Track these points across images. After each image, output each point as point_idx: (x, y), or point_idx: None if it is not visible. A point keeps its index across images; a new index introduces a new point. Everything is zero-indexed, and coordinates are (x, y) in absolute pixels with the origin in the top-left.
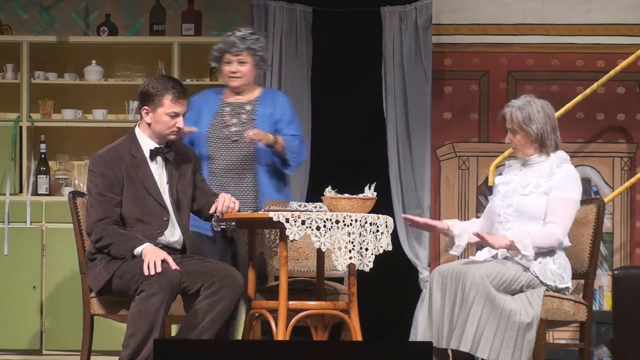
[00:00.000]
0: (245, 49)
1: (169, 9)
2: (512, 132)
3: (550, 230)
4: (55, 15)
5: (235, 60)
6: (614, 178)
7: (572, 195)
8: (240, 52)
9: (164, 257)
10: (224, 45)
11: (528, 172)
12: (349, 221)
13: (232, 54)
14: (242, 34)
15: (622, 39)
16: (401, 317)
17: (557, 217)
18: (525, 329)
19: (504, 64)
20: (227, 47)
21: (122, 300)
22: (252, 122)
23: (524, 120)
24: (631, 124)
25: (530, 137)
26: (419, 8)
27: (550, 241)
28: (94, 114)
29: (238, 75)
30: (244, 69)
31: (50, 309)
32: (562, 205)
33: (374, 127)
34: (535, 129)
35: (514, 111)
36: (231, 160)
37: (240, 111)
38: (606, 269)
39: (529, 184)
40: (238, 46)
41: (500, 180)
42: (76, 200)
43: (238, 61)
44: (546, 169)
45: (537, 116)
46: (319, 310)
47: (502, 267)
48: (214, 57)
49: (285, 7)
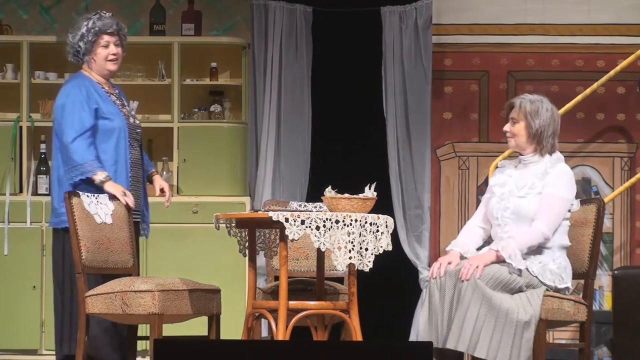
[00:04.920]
0: (119, 30)
1: (169, 9)
2: (513, 121)
3: (534, 226)
4: (55, 16)
5: (112, 42)
6: (614, 178)
7: (560, 192)
8: (116, 32)
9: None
10: (102, 26)
11: (523, 173)
12: (348, 221)
13: (110, 35)
14: (111, 15)
15: (622, 39)
16: (401, 317)
17: (542, 214)
18: (523, 327)
19: (504, 64)
20: (105, 28)
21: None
22: (132, 111)
23: (531, 111)
24: (631, 123)
25: (529, 130)
26: (419, 8)
27: (535, 237)
28: None
29: (117, 58)
30: (120, 51)
31: (50, 309)
32: (548, 201)
33: (374, 127)
34: (537, 124)
35: (524, 101)
36: (137, 153)
37: (122, 99)
38: (606, 269)
39: (524, 185)
40: (114, 27)
41: (494, 181)
42: (72, 200)
43: (114, 43)
44: (540, 170)
45: (544, 114)
46: (319, 310)
47: (499, 267)
48: (87, 41)
49: (285, 7)
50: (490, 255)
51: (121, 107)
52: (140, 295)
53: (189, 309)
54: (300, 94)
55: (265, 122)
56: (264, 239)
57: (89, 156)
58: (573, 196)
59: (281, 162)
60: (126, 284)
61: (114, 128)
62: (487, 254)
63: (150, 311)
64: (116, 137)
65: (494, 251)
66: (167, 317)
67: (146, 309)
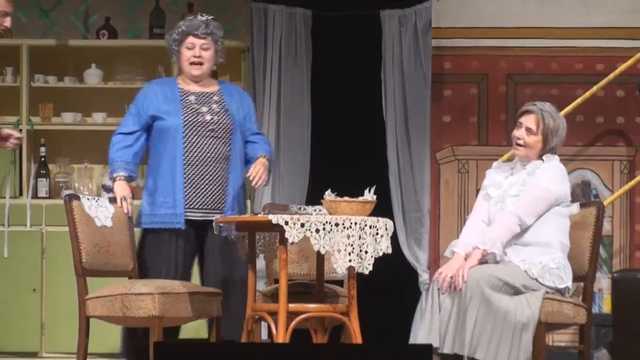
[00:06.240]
0: (209, 33)
1: (168, 12)
2: (529, 131)
3: (506, 209)
4: (54, 19)
5: (198, 44)
6: (613, 181)
7: (543, 182)
8: (205, 36)
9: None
10: (188, 27)
11: (517, 175)
12: (348, 224)
13: (196, 37)
14: (205, 19)
15: (621, 42)
16: (401, 319)
17: (520, 199)
18: (522, 329)
19: (503, 67)
20: (191, 29)
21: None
22: (225, 113)
23: (552, 129)
24: (630, 127)
25: (545, 146)
26: (418, 12)
27: (506, 219)
28: (94, 117)
29: (201, 60)
30: (207, 55)
31: (50, 311)
32: (528, 188)
33: (374, 131)
34: (553, 142)
35: (546, 115)
36: (208, 150)
37: (208, 100)
38: (605, 272)
39: (516, 183)
40: (203, 29)
41: (490, 181)
42: (72, 203)
43: (201, 46)
44: (533, 168)
45: (561, 132)
46: (319, 313)
47: (497, 267)
48: (174, 40)
49: (285, 11)
50: (476, 254)
51: (200, 105)
52: (141, 298)
53: (189, 312)
54: (300, 97)
55: (265, 124)
56: (264, 242)
57: (118, 155)
58: (560, 189)
59: (281, 165)
60: (126, 287)
61: (168, 127)
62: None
63: (150, 314)
64: (172, 135)
65: (476, 250)
66: (167, 319)
67: (146, 311)
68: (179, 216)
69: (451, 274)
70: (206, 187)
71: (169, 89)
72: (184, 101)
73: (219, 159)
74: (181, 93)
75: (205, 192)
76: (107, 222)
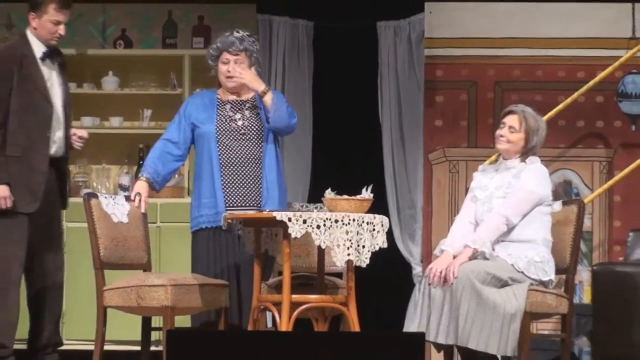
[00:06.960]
0: (243, 49)
1: (180, 24)
2: (512, 130)
3: (494, 210)
4: (75, 29)
5: (232, 59)
6: (593, 181)
7: (527, 185)
8: (239, 52)
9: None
10: (223, 44)
11: (503, 176)
12: (347, 220)
13: (230, 54)
14: (240, 35)
15: (601, 51)
16: (396, 309)
17: (507, 201)
18: (510, 319)
19: (491, 75)
20: (225, 47)
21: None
22: (257, 117)
23: (532, 129)
24: (609, 130)
25: (526, 144)
26: (412, 23)
27: (494, 219)
28: (111, 121)
29: (234, 76)
30: (241, 68)
31: (70, 301)
32: (514, 190)
33: (371, 134)
34: (534, 141)
35: (528, 115)
36: (240, 153)
37: (242, 107)
38: (586, 265)
39: (502, 185)
40: (237, 46)
41: (477, 183)
42: (90, 201)
43: (235, 61)
44: (518, 170)
45: (541, 133)
46: (320, 304)
47: (486, 262)
48: (211, 56)
49: (289, 22)
50: (466, 252)
51: (234, 113)
52: (154, 290)
53: (199, 302)
54: (302, 103)
55: None
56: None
57: (152, 160)
58: (544, 190)
59: (285, 165)
60: (141, 279)
61: (203, 133)
62: (462, 253)
63: (163, 304)
64: (207, 141)
65: (466, 249)
66: (179, 309)
67: (159, 302)
68: (221, 214)
69: (441, 269)
70: (242, 186)
71: (208, 99)
72: (219, 109)
73: (253, 159)
74: (219, 102)
75: (242, 191)
76: (124, 219)
